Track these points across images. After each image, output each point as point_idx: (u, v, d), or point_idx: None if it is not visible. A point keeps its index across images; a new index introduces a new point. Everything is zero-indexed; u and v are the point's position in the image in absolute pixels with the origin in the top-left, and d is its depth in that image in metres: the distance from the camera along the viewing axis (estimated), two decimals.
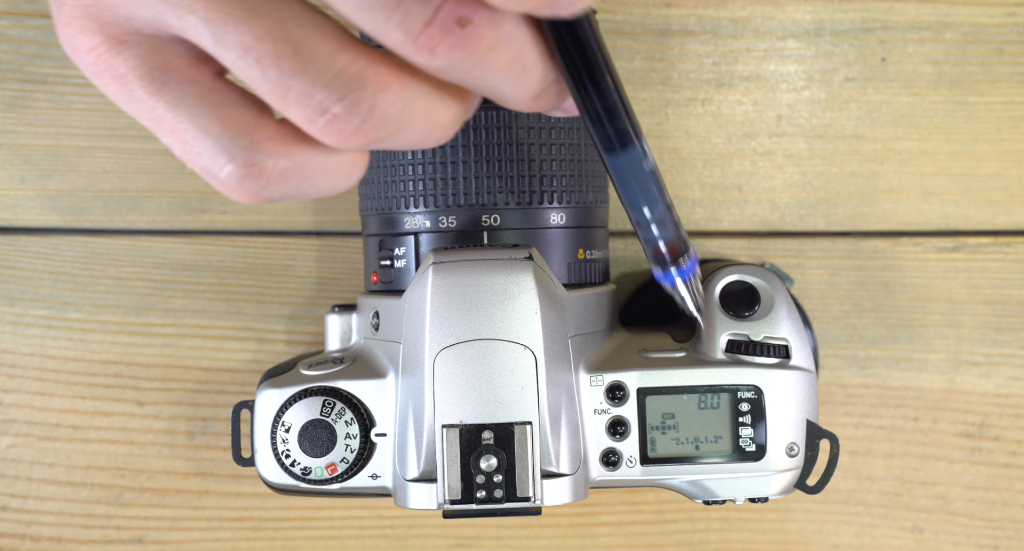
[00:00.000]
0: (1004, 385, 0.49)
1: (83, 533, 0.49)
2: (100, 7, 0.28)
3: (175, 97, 0.28)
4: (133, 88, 0.29)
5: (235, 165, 0.28)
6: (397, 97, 0.27)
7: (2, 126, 0.48)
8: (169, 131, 0.29)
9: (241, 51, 0.27)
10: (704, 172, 0.49)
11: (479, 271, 0.37)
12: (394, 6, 0.25)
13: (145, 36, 0.28)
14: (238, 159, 0.28)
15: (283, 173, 0.29)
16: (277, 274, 0.49)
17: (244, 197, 0.29)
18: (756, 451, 0.39)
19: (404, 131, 0.28)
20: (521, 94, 0.29)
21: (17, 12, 0.48)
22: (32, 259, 0.48)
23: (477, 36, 0.26)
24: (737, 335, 0.40)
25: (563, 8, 0.26)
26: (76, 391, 0.48)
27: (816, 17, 0.48)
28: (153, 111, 0.29)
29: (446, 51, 0.26)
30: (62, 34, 0.29)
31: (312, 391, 0.39)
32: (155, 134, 0.29)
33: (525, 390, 0.37)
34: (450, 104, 0.29)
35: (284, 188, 0.29)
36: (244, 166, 0.28)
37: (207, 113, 0.28)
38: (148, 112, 0.29)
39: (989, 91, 0.48)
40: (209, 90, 0.29)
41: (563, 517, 0.49)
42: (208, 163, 0.29)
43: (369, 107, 0.27)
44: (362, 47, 0.27)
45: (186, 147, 0.29)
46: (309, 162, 0.29)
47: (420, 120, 0.28)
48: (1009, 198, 0.49)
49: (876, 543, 0.49)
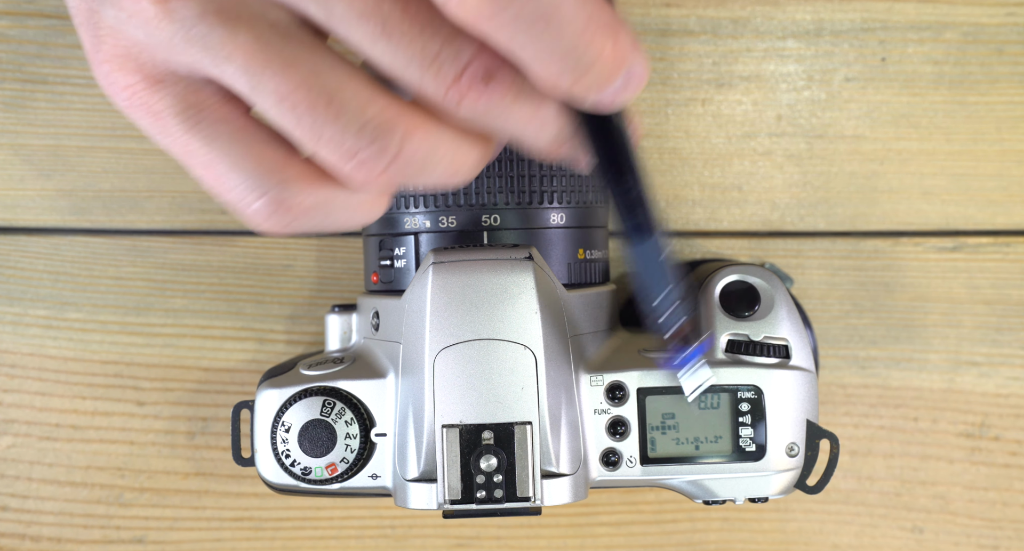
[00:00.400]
0: (1004, 385, 0.49)
1: (83, 533, 0.49)
2: (139, 49, 0.30)
3: (209, 134, 0.30)
4: (168, 125, 0.30)
5: (266, 200, 0.30)
6: (423, 142, 0.29)
7: (2, 126, 0.48)
8: (202, 165, 0.30)
9: (277, 99, 0.28)
10: (704, 172, 0.49)
11: (479, 271, 0.37)
12: (428, 63, 0.27)
13: (181, 77, 0.30)
14: (269, 195, 0.30)
15: (310, 209, 0.30)
16: (277, 274, 0.49)
17: (272, 229, 0.31)
18: (756, 451, 0.39)
19: (428, 173, 0.30)
20: (544, 140, 0.30)
21: (17, 12, 0.48)
22: (32, 259, 0.48)
23: (501, 91, 0.28)
24: (737, 335, 0.40)
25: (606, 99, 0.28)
26: (76, 391, 0.49)
27: (816, 17, 0.48)
28: (187, 147, 0.30)
29: (471, 103, 0.28)
30: (98, 71, 0.31)
31: (312, 391, 0.39)
32: (186, 167, 0.31)
33: (525, 390, 0.37)
34: (473, 148, 0.30)
35: (310, 222, 0.31)
36: (274, 202, 0.30)
37: (240, 150, 0.30)
38: (182, 147, 0.30)
39: (989, 91, 0.48)
40: (241, 128, 0.30)
41: (563, 517, 0.49)
42: (239, 197, 0.30)
43: (396, 152, 0.29)
44: (390, 95, 0.29)
45: (218, 181, 0.30)
46: (335, 199, 0.30)
47: (444, 163, 0.30)
48: (1009, 198, 0.49)
49: (876, 543, 0.49)
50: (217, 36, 0.28)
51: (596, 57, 0.27)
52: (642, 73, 0.28)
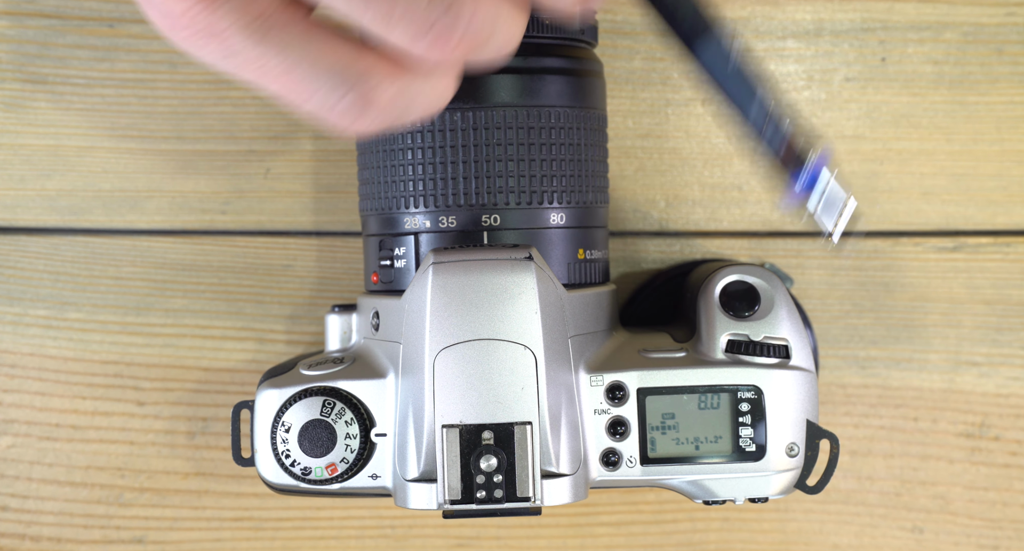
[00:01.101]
0: (1004, 385, 0.49)
1: (83, 533, 0.49)
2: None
3: (280, 42, 0.29)
4: (236, 43, 0.29)
5: (351, 98, 0.30)
6: (489, 8, 0.29)
7: (2, 126, 0.48)
8: (280, 76, 0.30)
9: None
10: (704, 172, 0.49)
11: (479, 271, 0.37)
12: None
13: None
14: (353, 91, 0.30)
15: (393, 99, 0.30)
16: (277, 274, 0.49)
17: (361, 126, 0.30)
18: (756, 451, 0.39)
19: (492, 40, 0.30)
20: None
21: (17, 12, 0.48)
22: (32, 259, 0.48)
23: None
24: (737, 335, 0.40)
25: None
26: (76, 391, 0.49)
27: (816, 17, 0.48)
28: (260, 61, 0.29)
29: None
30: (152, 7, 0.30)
31: (312, 391, 0.39)
32: (259, 84, 0.30)
33: (525, 390, 0.37)
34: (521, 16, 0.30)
35: (393, 115, 0.30)
36: (360, 98, 0.30)
37: (315, 51, 0.29)
38: (255, 63, 0.29)
39: (989, 91, 0.48)
40: (308, 30, 0.29)
41: (563, 517, 0.49)
42: (325, 99, 0.30)
43: (469, 19, 0.29)
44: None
45: (299, 87, 0.30)
46: (412, 86, 0.30)
47: (504, 29, 0.30)
48: (1009, 198, 0.49)
49: (876, 543, 0.49)
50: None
51: None
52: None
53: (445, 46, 0.29)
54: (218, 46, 0.29)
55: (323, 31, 0.30)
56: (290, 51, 0.29)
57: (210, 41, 0.29)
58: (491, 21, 0.29)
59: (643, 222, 0.48)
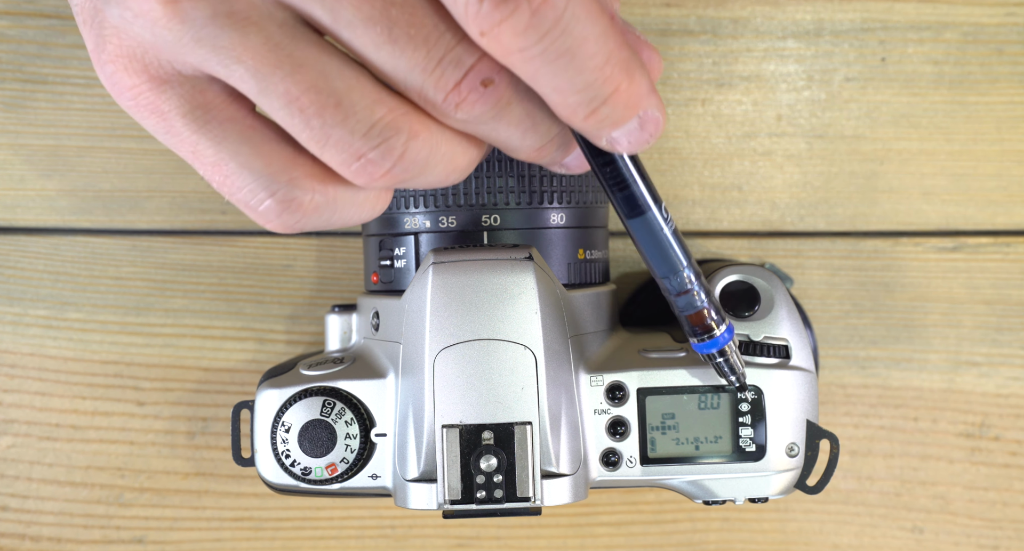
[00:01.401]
0: (1004, 385, 0.49)
1: (83, 533, 0.49)
2: (144, 49, 0.29)
3: (217, 135, 0.30)
4: (175, 125, 0.30)
5: (275, 200, 0.30)
6: (425, 144, 0.29)
7: (2, 126, 0.48)
8: (210, 165, 0.30)
9: (286, 102, 0.28)
10: (704, 172, 0.49)
11: (479, 271, 0.37)
12: (432, 68, 0.28)
13: (187, 77, 0.30)
14: (278, 195, 0.30)
15: (317, 207, 0.31)
16: (277, 274, 0.49)
17: (280, 228, 0.31)
18: (756, 451, 0.39)
19: (427, 173, 0.30)
20: (527, 145, 0.31)
21: (17, 12, 0.48)
22: (32, 259, 0.48)
23: (497, 95, 0.29)
24: (737, 335, 0.40)
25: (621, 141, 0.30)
26: (76, 391, 0.49)
27: (816, 17, 0.48)
28: (195, 147, 0.30)
29: (469, 107, 0.29)
30: (102, 71, 0.30)
31: (312, 391, 0.39)
32: (194, 167, 0.31)
33: (525, 390, 0.37)
34: (468, 149, 0.31)
35: (318, 220, 0.31)
36: (283, 201, 0.30)
37: (248, 150, 0.30)
38: (190, 147, 0.30)
39: (989, 91, 0.48)
40: (248, 127, 0.30)
41: (563, 517, 0.49)
42: (248, 197, 0.30)
43: (400, 153, 0.29)
44: (394, 98, 0.29)
45: (227, 181, 0.30)
46: (340, 197, 0.31)
47: (442, 164, 0.30)
48: (1009, 198, 0.49)
49: (876, 543, 0.49)
50: (227, 38, 0.28)
51: (611, 93, 0.28)
52: (658, 118, 0.30)
53: (372, 177, 0.29)
54: (158, 123, 0.30)
55: (264, 132, 0.30)
56: (224, 145, 0.30)
57: (152, 117, 0.30)
58: (425, 157, 0.30)
59: None
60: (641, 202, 0.33)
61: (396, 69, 0.28)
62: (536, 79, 0.28)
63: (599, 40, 0.27)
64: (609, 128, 0.29)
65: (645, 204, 0.33)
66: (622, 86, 0.28)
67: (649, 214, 0.33)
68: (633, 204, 0.33)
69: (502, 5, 0.26)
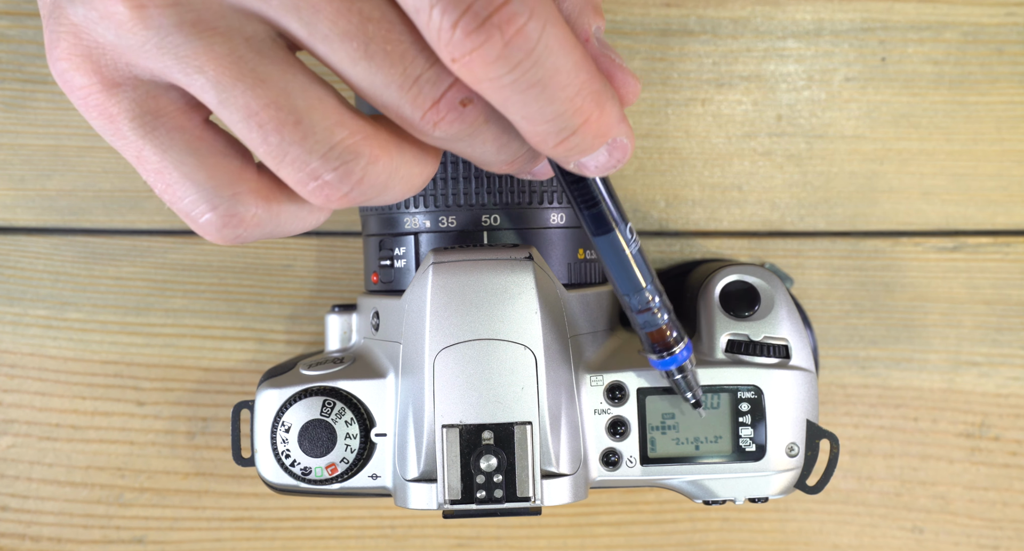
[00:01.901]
0: (1004, 385, 0.49)
1: (83, 533, 0.49)
2: (101, 50, 0.29)
3: (163, 142, 0.29)
4: (122, 128, 0.29)
5: (216, 214, 0.30)
6: (385, 168, 0.29)
7: (2, 126, 0.48)
8: (153, 172, 0.30)
9: (245, 115, 0.28)
10: (704, 172, 0.49)
11: (479, 271, 0.37)
12: (408, 86, 0.28)
13: (142, 81, 0.29)
14: (219, 209, 0.30)
15: (259, 222, 0.30)
16: (277, 274, 0.49)
17: (219, 240, 0.31)
18: (756, 451, 0.39)
19: (385, 195, 0.30)
20: (500, 160, 0.31)
21: (17, 12, 0.48)
22: (32, 259, 0.48)
23: (475, 114, 0.28)
24: (737, 335, 0.40)
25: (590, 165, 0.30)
26: (76, 391, 0.49)
27: (816, 17, 0.48)
28: (140, 152, 0.30)
29: (447, 126, 0.28)
30: (55, 67, 0.30)
31: (312, 391, 0.39)
32: (137, 170, 0.30)
33: (525, 390, 0.37)
34: (425, 168, 0.31)
35: (258, 234, 0.31)
36: (224, 215, 0.30)
37: (193, 161, 0.29)
38: (134, 152, 0.30)
39: (989, 91, 0.48)
40: (197, 138, 0.30)
41: (563, 517, 0.49)
42: (189, 208, 0.30)
43: (360, 178, 0.29)
44: (358, 119, 0.29)
45: (168, 189, 0.30)
46: (283, 212, 0.31)
47: (400, 185, 0.30)
48: (1009, 198, 0.49)
49: (876, 543, 0.49)
50: (191, 47, 0.27)
51: (581, 123, 0.28)
52: (626, 145, 0.30)
53: (328, 199, 0.29)
54: (105, 125, 0.30)
55: (213, 144, 0.30)
56: (170, 153, 0.29)
57: (100, 118, 0.30)
58: (384, 181, 0.29)
59: (643, 222, 0.48)
60: (607, 221, 0.33)
61: (373, 85, 0.28)
62: (506, 107, 0.28)
63: (571, 72, 0.27)
64: (578, 156, 0.29)
65: (611, 223, 0.33)
66: (592, 117, 0.28)
67: (613, 234, 0.34)
68: (600, 222, 0.33)
69: (474, 34, 0.26)
